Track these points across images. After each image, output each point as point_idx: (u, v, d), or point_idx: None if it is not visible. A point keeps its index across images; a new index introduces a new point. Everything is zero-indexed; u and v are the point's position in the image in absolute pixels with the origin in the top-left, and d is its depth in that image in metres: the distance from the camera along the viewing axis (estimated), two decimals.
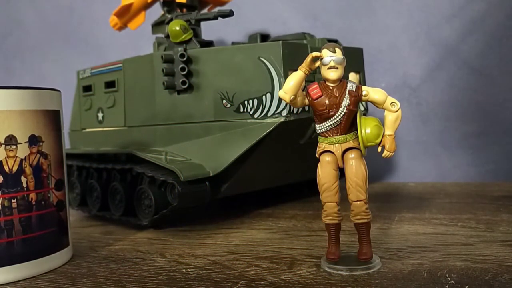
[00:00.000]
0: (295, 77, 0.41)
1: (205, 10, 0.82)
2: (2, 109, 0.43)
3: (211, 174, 0.56)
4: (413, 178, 0.91)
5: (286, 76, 0.56)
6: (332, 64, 0.41)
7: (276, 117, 0.57)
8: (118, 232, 0.61)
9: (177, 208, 0.57)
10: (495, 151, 0.86)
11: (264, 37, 0.72)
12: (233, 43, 0.73)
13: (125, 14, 0.80)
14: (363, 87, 0.42)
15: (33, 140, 0.45)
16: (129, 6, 0.78)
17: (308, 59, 0.41)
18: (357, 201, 0.42)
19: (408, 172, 0.92)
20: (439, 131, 0.89)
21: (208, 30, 0.76)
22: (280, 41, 0.57)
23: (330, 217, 0.42)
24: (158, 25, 0.75)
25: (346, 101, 0.41)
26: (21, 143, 0.44)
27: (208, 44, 0.69)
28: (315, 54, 0.41)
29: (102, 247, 0.54)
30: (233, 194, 0.64)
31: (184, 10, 0.75)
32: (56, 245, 0.47)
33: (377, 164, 0.88)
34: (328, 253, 0.43)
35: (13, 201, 0.44)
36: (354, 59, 0.67)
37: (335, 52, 0.41)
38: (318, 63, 0.41)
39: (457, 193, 0.76)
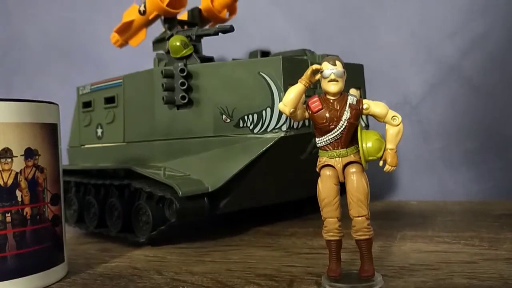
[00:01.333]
0: (295, 90, 0.41)
1: (206, 27, 0.83)
2: (0, 121, 0.42)
3: (210, 190, 0.56)
4: (415, 196, 0.90)
5: (286, 90, 0.56)
6: (332, 77, 0.40)
7: (276, 132, 0.56)
8: (115, 249, 0.60)
9: (175, 225, 0.56)
10: (497, 169, 0.86)
11: (265, 54, 0.73)
12: (233, 60, 0.73)
13: (126, 31, 0.81)
14: (364, 101, 0.41)
15: (29, 154, 0.44)
16: (130, 23, 0.78)
17: (308, 71, 0.41)
18: (359, 216, 0.41)
19: (409, 190, 0.91)
20: (441, 148, 0.89)
21: (209, 47, 0.76)
22: (280, 56, 0.57)
23: (331, 233, 0.41)
24: (159, 41, 0.76)
25: (346, 114, 0.40)
26: (16, 156, 0.43)
27: (209, 59, 0.69)
28: (315, 66, 0.41)
29: (98, 264, 0.53)
30: (232, 211, 0.63)
31: (185, 27, 0.75)
32: (50, 261, 0.46)
33: (378, 182, 0.87)
34: (329, 271, 0.42)
35: (7, 215, 0.43)
36: (354, 75, 0.67)
37: (335, 65, 0.40)
38: (318, 76, 0.41)
39: (460, 211, 0.75)
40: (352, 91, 0.65)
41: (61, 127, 0.49)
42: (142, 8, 0.76)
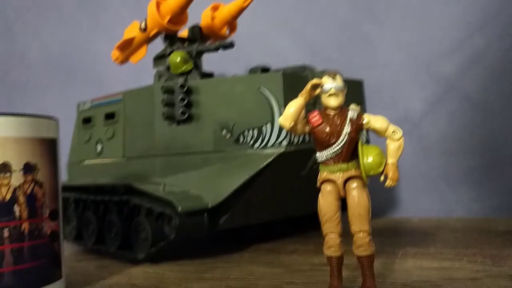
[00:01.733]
0: (295, 104, 0.41)
1: (206, 44, 0.83)
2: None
3: (210, 206, 0.55)
4: (416, 213, 0.89)
5: (286, 107, 0.56)
6: (332, 91, 0.40)
7: (276, 148, 0.56)
8: (113, 266, 0.59)
9: (174, 241, 0.55)
10: (498, 186, 0.85)
11: (265, 70, 0.73)
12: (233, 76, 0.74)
13: (127, 48, 0.81)
14: (365, 115, 0.41)
15: (28, 168, 0.44)
16: (131, 40, 0.79)
17: (309, 86, 0.41)
18: (360, 232, 0.40)
19: (410, 208, 0.90)
20: (442, 166, 0.89)
21: (209, 64, 0.76)
22: (281, 72, 0.57)
23: (332, 249, 0.41)
24: (159, 58, 0.76)
25: (347, 128, 0.40)
26: (15, 171, 0.43)
27: (209, 75, 0.69)
28: (315, 81, 0.41)
29: (96, 281, 0.52)
30: (232, 227, 0.62)
31: (186, 44, 0.75)
32: (48, 277, 0.45)
33: (379, 199, 0.86)
34: (330, 287, 0.41)
35: (5, 230, 0.42)
36: (354, 91, 0.67)
37: (335, 79, 0.40)
38: (318, 90, 0.41)
39: (462, 228, 0.74)
40: (353, 106, 0.65)
41: (61, 144, 0.49)
42: (143, 25, 0.76)
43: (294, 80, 0.58)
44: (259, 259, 0.59)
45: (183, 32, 0.80)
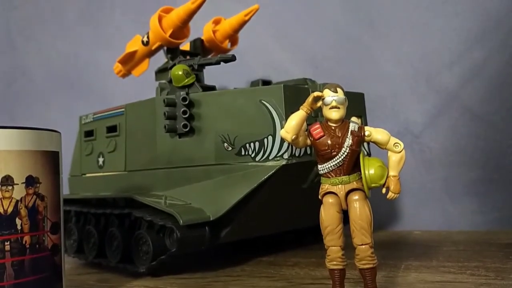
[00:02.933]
0: (297, 117, 0.41)
1: (208, 57, 0.84)
2: (1, 149, 0.42)
3: (211, 219, 0.55)
4: (418, 226, 0.89)
5: (287, 119, 0.56)
6: (334, 104, 0.41)
7: (278, 160, 0.56)
8: (114, 280, 0.59)
9: (175, 254, 0.55)
10: (501, 199, 0.85)
11: (266, 83, 0.73)
12: (235, 89, 0.74)
13: (129, 61, 0.82)
14: (366, 127, 0.42)
15: (30, 181, 0.44)
16: (133, 53, 0.80)
17: (310, 98, 0.41)
18: (362, 245, 0.40)
19: (413, 220, 0.90)
20: (443, 178, 0.88)
21: (211, 76, 0.76)
22: (282, 85, 0.57)
23: (334, 262, 0.41)
24: (161, 71, 0.77)
25: (348, 141, 0.41)
26: (17, 184, 0.42)
27: (211, 88, 0.69)
28: (316, 93, 0.41)
29: None
30: (234, 240, 0.62)
31: (188, 57, 0.76)
32: None
33: (381, 212, 0.86)
34: None
35: (6, 243, 0.42)
36: (355, 104, 0.67)
37: (336, 92, 0.41)
38: (319, 103, 0.41)
39: (464, 241, 0.74)
40: (354, 118, 0.65)
41: (63, 157, 0.49)
42: (145, 39, 0.77)
43: (295, 93, 0.58)
44: (261, 272, 0.59)
45: (185, 46, 0.81)
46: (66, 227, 0.72)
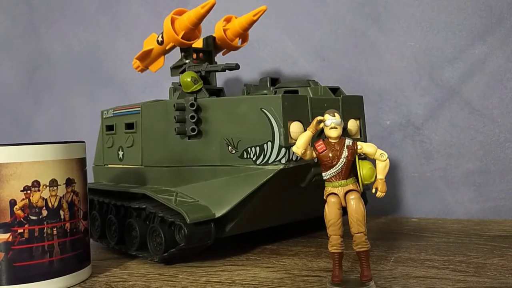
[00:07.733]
0: (305, 137, 0.53)
1: (220, 54, 0.88)
2: (49, 159, 0.55)
3: (216, 216, 0.61)
4: (417, 213, 0.94)
5: (285, 126, 0.61)
6: (333, 125, 0.52)
7: (276, 164, 0.61)
8: (133, 267, 0.66)
9: (184, 248, 0.62)
10: (497, 189, 0.89)
11: (274, 80, 0.77)
12: (245, 85, 0.78)
13: (146, 59, 0.87)
14: (358, 143, 0.52)
15: (69, 182, 0.58)
16: (149, 51, 0.85)
17: (314, 122, 0.53)
18: (358, 233, 0.51)
19: (412, 207, 0.95)
20: (442, 168, 0.92)
21: None
22: (280, 95, 0.62)
23: (335, 247, 0.52)
24: (176, 68, 0.82)
25: (345, 153, 0.51)
26: (60, 185, 0.56)
27: (218, 91, 0.74)
28: (319, 118, 0.52)
29: (116, 283, 0.59)
30: (238, 233, 0.68)
31: (201, 54, 0.81)
32: (82, 263, 0.60)
33: (383, 200, 0.91)
34: (332, 277, 0.52)
35: (54, 229, 0.56)
36: (354, 106, 0.71)
37: (334, 116, 0.52)
38: (322, 125, 0.52)
39: (456, 231, 0.78)
40: (352, 121, 0.70)
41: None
42: (160, 39, 0.82)
43: (292, 101, 0.63)
44: (263, 262, 0.65)
45: (198, 42, 0.85)
46: (91, 214, 0.79)
